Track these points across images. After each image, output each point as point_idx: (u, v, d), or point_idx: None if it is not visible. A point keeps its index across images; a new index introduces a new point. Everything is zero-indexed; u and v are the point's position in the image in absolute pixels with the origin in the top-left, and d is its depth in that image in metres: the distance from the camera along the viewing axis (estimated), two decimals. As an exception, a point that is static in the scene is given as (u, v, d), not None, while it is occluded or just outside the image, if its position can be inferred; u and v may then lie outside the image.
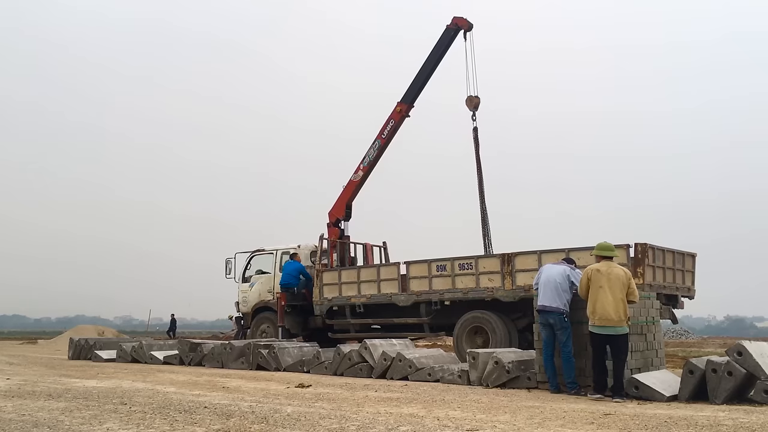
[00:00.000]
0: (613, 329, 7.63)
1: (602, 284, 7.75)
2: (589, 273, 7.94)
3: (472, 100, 15.99)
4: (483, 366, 9.02)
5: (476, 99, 16.00)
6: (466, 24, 16.33)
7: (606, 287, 7.71)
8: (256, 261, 17.35)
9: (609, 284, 7.71)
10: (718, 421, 5.57)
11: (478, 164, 15.73)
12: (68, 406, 6.75)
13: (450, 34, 16.36)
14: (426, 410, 6.48)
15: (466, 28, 16.33)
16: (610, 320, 7.63)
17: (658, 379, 7.70)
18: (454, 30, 16.34)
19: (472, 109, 16.03)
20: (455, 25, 16.34)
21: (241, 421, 5.69)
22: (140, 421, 5.71)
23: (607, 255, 8.07)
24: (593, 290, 7.82)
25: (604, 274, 7.79)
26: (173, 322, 35.70)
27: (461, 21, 16.34)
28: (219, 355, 12.71)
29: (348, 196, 16.67)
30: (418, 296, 13.26)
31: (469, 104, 16.05)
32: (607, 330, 7.66)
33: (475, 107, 16.02)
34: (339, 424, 5.57)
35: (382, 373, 10.27)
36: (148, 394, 7.82)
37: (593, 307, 7.78)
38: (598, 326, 7.72)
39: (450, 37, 16.36)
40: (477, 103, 16.01)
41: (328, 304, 14.76)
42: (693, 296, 12.68)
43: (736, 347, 7.08)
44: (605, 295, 7.69)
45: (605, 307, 7.65)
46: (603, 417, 5.96)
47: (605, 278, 7.76)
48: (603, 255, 8.07)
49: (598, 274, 7.84)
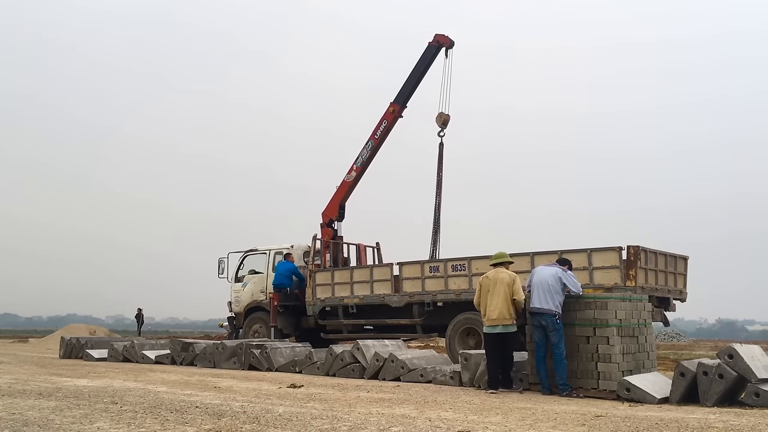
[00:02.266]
0: (502, 328, 8.50)
1: (490, 289, 8.68)
2: (480, 281, 8.93)
3: (442, 116, 16.14)
4: (475, 367, 9.03)
5: (446, 116, 16.16)
6: (447, 41, 16.42)
7: (493, 291, 8.63)
8: (249, 261, 17.32)
9: (495, 288, 8.62)
10: (709, 424, 5.59)
11: (438, 178, 15.90)
12: (59, 405, 6.72)
13: (432, 51, 16.43)
14: (418, 411, 6.48)
15: (447, 45, 16.44)
16: (496, 320, 8.54)
17: (649, 381, 7.73)
18: (436, 47, 16.42)
19: (440, 125, 16.18)
20: (437, 42, 16.41)
21: (233, 421, 5.68)
22: (131, 421, 5.69)
23: (500, 262, 8.91)
24: (483, 295, 8.77)
25: (492, 280, 8.71)
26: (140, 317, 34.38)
27: (443, 38, 16.41)
28: (211, 354, 12.68)
29: (341, 197, 16.65)
30: (410, 297, 13.26)
31: (438, 120, 16.19)
32: (497, 329, 8.55)
33: (444, 124, 16.18)
34: (330, 424, 5.56)
35: (374, 374, 10.27)
36: (139, 394, 7.79)
37: (484, 310, 8.73)
38: (488, 326, 8.64)
39: (432, 54, 16.43)
40: (446, 119, 16.18)
41: (320, 304, 14.74)
42: (685, 299, 12.74)
43: (727, 350, 7.12)
44: (492, 299, 8.61)
45: (493, 309, 8.57)
46: (594, 419, 5.98)
47: (492, 283, 8.67)
48: (497, 263, 8.91)
49: (487, 280, 8.79)
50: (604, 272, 10.99)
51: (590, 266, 11.05)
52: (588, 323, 8.07)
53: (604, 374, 7.82)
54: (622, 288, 10.49)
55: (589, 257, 11.10)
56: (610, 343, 7.86)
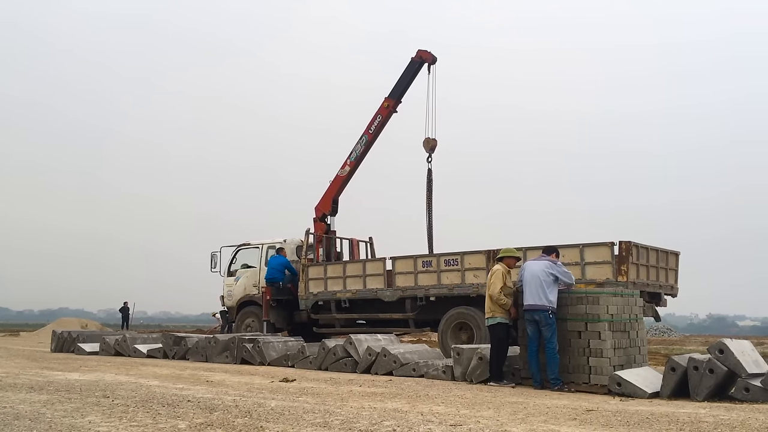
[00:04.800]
0: (487, 321, 8.84)
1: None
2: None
3: (429, 143, 15.79)
4: (467, 362, 9.05)
5: (433, 141, 15.81)
6: (429, 57, 16.18)
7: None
8: (242, 255, 17.30)
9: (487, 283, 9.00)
10: (699, 418, 5.62)
11: (428, 204, 15.67)
12: (50, 398, 6.70)
13: (414, 66, 16.23)
14: (410, 405, 6.49)
15: (429, 61, 16.20)
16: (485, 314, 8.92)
17: (640, 376, 7.76)
18: (419, 63, 16.21)
19: (428, 151, 15.81)
20: (420, 58, 16.20)
21: (225, 415, 5.67)
22: (123, 415, 5.68)
23: (501, 257, 9.09)
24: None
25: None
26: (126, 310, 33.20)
27: (425, 54, 16.18)
28: (203, 348, 12.66)
29: (334, 192, 16.62)
30: (403, 292, 13.28)
31: (426, 146, 15.83)
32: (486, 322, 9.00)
33: (432, 149, 15.81)
34: (323, 418, 5.56)
35: (366, 368, 10.28)
36: (131, 388, 7.77)
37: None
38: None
39: (414, 69, 16.22)
40: (434, 145, 15.81)
41: (313, 298, 14.75)
42: (676, 294, 12.80)
43: (718, 345, 7.16)
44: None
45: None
46: (585, 413, 6.00)
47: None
48: (499, 258, 9.13)
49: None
50: (596, 267, 11.03)
51: (582, 261, 11.10)
52: (580, 318, 8.09)
53: (595, 369, 7.85)
54: (614, 283, 10.54)
55: (581, 252, 11.14)
56: (601, 338, 7.88)
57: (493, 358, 8.63)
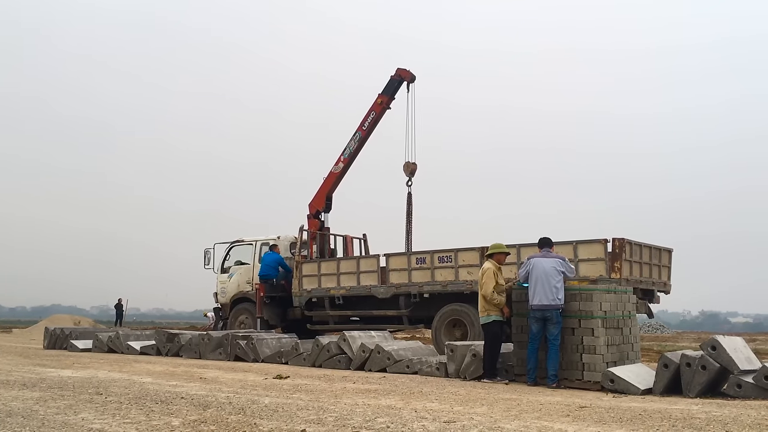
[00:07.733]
0: (481, 319, 8.86)
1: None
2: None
3: (409, 166, 15.75)
4: (461, 358, 9.06)
5: (413, 165, 15.76)
6: (408, 76, 16.13)
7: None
8: (236, 252, 17.25)
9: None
10: (692, 414, 5.65)
11: (408, 229, 15.64)
12: (43, 395, 6.68)
13: (394, 85, 16.15)
14: (403, 402, 6.50)
15: (408, 79, 16.15)
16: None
17: (633, 373, 7.79)
18: (398, 81, 16.14)
19: (408, 175, 15.77)
20: (399, 77, 16.14)
21: (218, 412, 5.67)
22: (116, 411, 5.66)
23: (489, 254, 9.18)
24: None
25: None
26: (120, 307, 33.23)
27: (404, 73, 16.12)
28: (197, 345, 12.64)
29: (328, 188, 16.60)
30: (397, 288, 13.28)
31: (405, 170, 15.78)
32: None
33: (412, 173, 15.77)
34: (317, 415, 5.56)
35: (360, 365, 10.28)
36: (124, 385, 7.75)
37: None
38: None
39: (394, 88, 16.16)
40: (413, 169, 15.77)
41: (307, 295, 14.73)
42: (669, 291, 12.84)
43: (710, 342, 7.20)
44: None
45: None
46: (579, 409, 6.02)
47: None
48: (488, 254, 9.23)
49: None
50: (589, 264, 11.05)
51: (576, 258, 11.11)
52: (573, 315, 8.10)
53: (588, 365, 7.87)
54: (607, 280, 10.54)
55: (575, 249, 11.16)
56: (594, 334, 7.90)
57: (487, 355, 8.63)
